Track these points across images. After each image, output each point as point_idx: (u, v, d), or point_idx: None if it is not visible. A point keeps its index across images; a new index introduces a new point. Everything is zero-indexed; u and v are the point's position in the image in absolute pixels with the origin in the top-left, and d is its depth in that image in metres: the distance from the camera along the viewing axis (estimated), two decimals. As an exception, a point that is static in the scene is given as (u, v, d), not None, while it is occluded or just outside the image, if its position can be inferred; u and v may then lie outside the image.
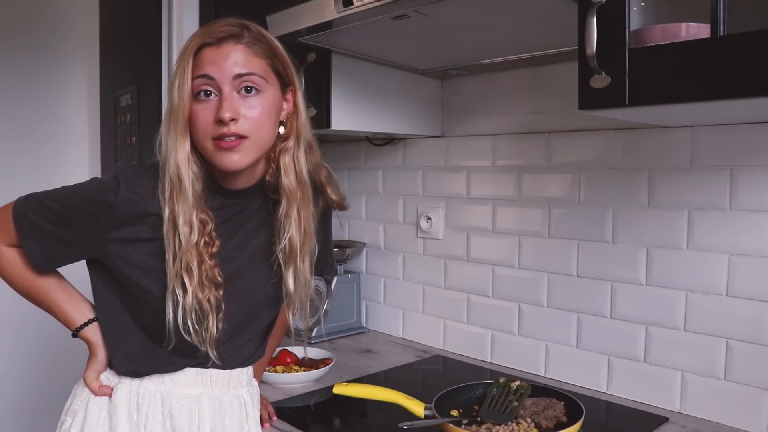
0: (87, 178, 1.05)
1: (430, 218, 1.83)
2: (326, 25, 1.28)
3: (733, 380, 1.25)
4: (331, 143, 2.15)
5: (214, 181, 1.03)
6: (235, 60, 0.95)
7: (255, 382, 1.19)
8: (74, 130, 2.48)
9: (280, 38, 1.27)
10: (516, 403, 1.23)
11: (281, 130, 1.04)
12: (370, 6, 1.15)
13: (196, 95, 0.96)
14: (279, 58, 1.01)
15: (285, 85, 1.03)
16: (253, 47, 0.97)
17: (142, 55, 2.02)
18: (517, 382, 1.29)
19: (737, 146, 1.24)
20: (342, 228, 2.12)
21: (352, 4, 1.17)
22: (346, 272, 2.01)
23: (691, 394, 1.31)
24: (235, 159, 0.96)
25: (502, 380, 1.30)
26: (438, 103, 1.81)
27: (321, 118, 1.56)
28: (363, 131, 1.74)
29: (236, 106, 0.95)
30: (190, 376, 1.06)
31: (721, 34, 0.85)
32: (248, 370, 1.15)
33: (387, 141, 1.95)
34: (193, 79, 0.95)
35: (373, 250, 2.02)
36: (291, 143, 1.04)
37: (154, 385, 1.05)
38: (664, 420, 1.29)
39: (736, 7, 0.84)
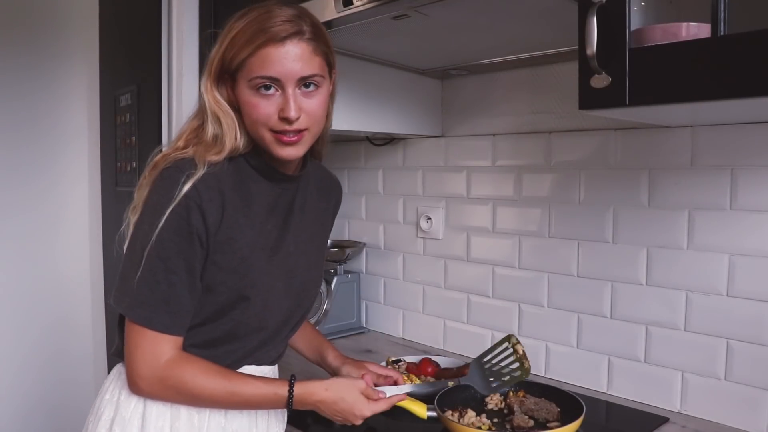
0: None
1: (430, 218, 1.83)
2: (326, 25, 1.27)
3: (733, 380, 1.25)
4: (331, 143, 2.14)
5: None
6: (298, 59, 0.96)
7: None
8: (74, 130, 2.48)
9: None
10: (502, 383, 1.23)
11: None
12: (370, 6, 1.15)
13: (257, 88, 0.97)
14: (330, 48, 1.03)
15: (331, 70, 1.05)
16: (313, 44, 0.97)
17: (142, 55, 2.02)
18: (522, 351, 1.25)
19: (737, 146, 1.23)
20: (342, 228, 2.12)
21: (352, 3, 1.17)
22: (346, 272, 2.01)
23: (691, 395, 1.31)
24: (295, 151, 1.00)
25: (517, 347, 1.26)
26: (438, 103, 1.81)
27: (321, 118, 1.56)
28: (363, 131, 1.74)
29: (300, 103, 0.97)
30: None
31: (722, 33, 0.84)
32: (275, 368, 1.18)
33: (387, 141, 1.95)
34: (255, 77, 0.96)
35: (373, 250, 2.02)
36: (327, 126, 1.11)
37: None
38: (664, 420, 1.29)
39: (736, 7, 0.84)
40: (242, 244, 1.00)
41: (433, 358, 1.54)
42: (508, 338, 1.27)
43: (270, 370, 1.14)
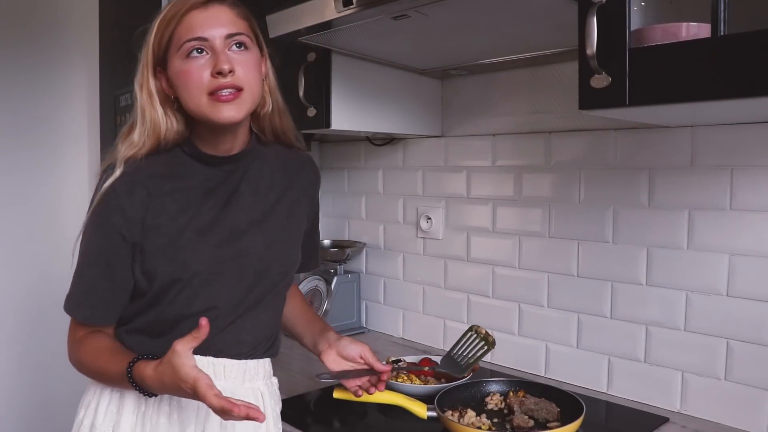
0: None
1: (430, 218, 1.83)
2: (326, 25, 1.27)
3: (733, 380, 1.25)
4: (331, 143, 2.15)
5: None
6: (224, 20, 1.00)
7: (275, 379, 1.18)
8: (74, 130, 2.48)
9: (280, 38, 1.26)
10: (473, 360, 1.23)
11: None
12: (370, 6, 1.15)
13: (187, 55, 1.00)
14: (255, 22, 1.07)
15: (260, 49, 1.08)
16: (236, 9, 1.03)
17: (142, 55, 2.02)
18: (485, 331, 1.26)
19: (737, 146, 1.23)
20: (342, 228, 2.12)
21: (352, 3, 1.17)
22: (346, 272, 2.01)
23: (691, 395, 1.31)
24: (233, 112, 1.00)
25: (479, 330, 1.27)
26: (438, 103, 1.81)
27: (321, 118, 1.56)
28: (363, 131, 1.74)
29: (231, 59, 0.99)
30: (201, 365, 0.98)
31: (722, 33, 0.84)
32: (265, 363, 1.15)
33: (387, 141, 1.95)
34: (184, 42, 0.99)
35: (373, 250, 2.02)
36: (268, 107, 1.11)
37: None
38: (664, 420, 1.29)
39: (736, 7, 0.84)
40: (171, 228, 1.03)
41: (433, 358, 1.54)
42: (470, 328, 1.28)
43: (254, 365, 1.11)
